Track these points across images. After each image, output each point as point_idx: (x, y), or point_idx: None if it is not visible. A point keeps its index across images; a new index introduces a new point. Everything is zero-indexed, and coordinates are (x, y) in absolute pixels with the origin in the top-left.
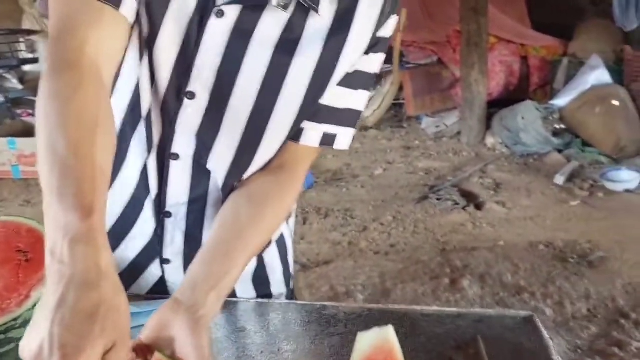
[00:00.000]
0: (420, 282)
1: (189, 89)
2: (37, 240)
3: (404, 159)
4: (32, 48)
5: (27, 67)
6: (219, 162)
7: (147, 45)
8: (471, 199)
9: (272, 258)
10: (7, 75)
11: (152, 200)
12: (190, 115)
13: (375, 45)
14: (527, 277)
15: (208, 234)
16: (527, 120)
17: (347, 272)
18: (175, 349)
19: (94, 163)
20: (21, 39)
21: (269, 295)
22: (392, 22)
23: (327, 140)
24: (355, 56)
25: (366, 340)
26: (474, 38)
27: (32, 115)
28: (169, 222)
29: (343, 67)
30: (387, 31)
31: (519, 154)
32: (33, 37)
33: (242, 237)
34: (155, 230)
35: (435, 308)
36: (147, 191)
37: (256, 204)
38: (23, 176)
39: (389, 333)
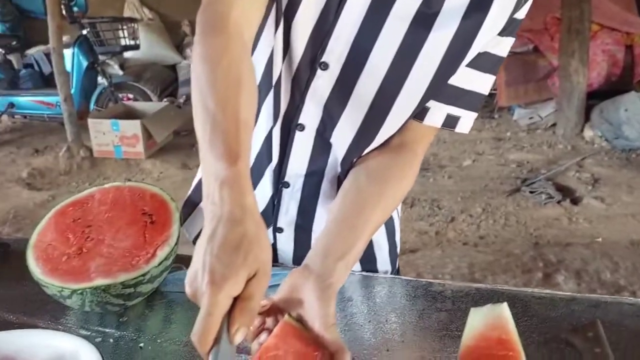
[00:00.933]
0: (512, 274)
1: (323, 59)
2: (160, 205)
3: (494, 150)
4: (133, 35)
5: (127, 54)
6: (342, 136)
7: (285, 15)
8: (567, 193)
9: (379, 236)
10: (110, 62)
11: (272, 169)
12: (321, 86)
13: (508, 26)
14: (628, 276)
15: (322, 208)
16: (631, 113)
17: (435, 261)
18: (302, 313)
19: (239, 118)
20: (123, 27)
21: (374, 272)
22: (528, 3)
23: (450, 122)
24: (490, 36)
25: (479, 316)
26: (575, 25)
27: (133, 99)
28: (285, 192)
29: (477, 47)
30: (521, 13)
31: (620, 148)
32: (134, 25)
33: (364, 212)
34: (272, 198)
35: (548, 291)
36: (269, 160)
37: (376, 182)
38: (124, 156)
39: (503, 310)
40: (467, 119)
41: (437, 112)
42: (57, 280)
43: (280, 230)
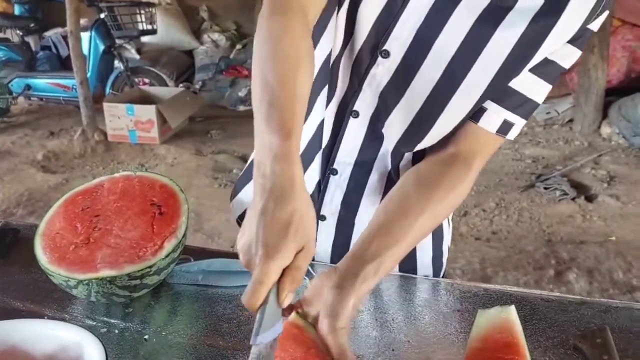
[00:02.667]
0: (524, 271)
1: (385, 47)
2: (169, 196)
3: (510, 145)
4: (150, 20)
5: (144, 39)
6: (394, 127)
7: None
8: (582, 190)
9: (424, 241)
10: (127, 46)
11: (321, 154)
12: (380, 73)
13: (579, 37)
14: None
15: (366, 202)
16: None
17: None
18: (319, 312)
19: (295, 95)
20: (141, 11)
21: (413, 274)
22: (602, 17)
23: (505, 128)
24: (559, 43)
25: (486, 318)
26: None
27: (149, 84)
28: (332, 180)
29: (544, 52)
30: (595, 25)
31: (637, 146)
32: (152, 9)
33: (405, 219)
34: (319, 184)
35: (557, 294)
36: (320, 144)
37: (423, 190)
38: (139, 141)
39: (510, 313)
40: (518, 127)
41: (495, 115)
42: (63, 270)
43: (323, 218)
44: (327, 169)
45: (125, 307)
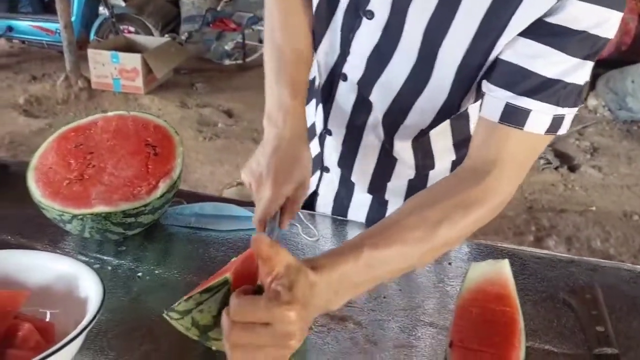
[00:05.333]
0: (504, 236)
1: (368, 7)
2: (164, 137)
3: None
4: None
5: None
6: (382, 95)
7: None
8: (565, 160)
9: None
10: None
11: (320, 113)
12: (365, 35)
13: None
14: (618, 246)
15: (358, 168)
16: (637, 85)
17: None
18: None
19: (302, 56)
20: None
21: None
22: None
23: (554, 125)
24: None
25: (479, 271)
26: None
27: (134, 32)
28: (329, 139)
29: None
30: None
31: (622, 119)
32: None
33: (401, 222)
34: (320, 139)
35: (547, 251)
36: (318, 103)
37: (433, 205)
38: (123, 90)
39: (503, 266)
40: (568, 119)
41: (542, 115)
42: (57, 204)
43: (327, 169)
44: (324, 129)
45: (118, 246)
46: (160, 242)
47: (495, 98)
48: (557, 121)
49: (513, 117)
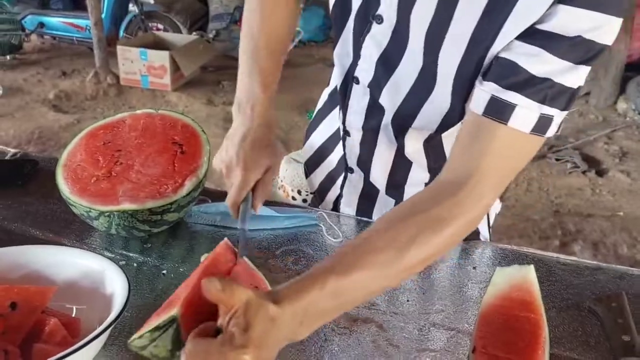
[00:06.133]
0: (529, 240)
1: (378, 12)
2: (191, 135)
3: None
4: None
5: None
6: (391, 99)
7: None
8: (593, 164)
9: None
10: None
11: (340, 115)
12: (375, 40)
13: None
14: None
15: (375, 169)
16: None
17: None
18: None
19: (276, 50)
20: None
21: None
22: None
23: (541, 125)
24: None
25: (504, 276)
26: None
27: (162, 29)
28: (348, 140)
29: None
30: None
31: None
32: None
33: (370, 244)
34: (342, 141)
35: (573, 258)
36: (336, 106)
37: (405, 221)
38: (151, 86)
39: (529, 272)
40: (559, 118)
41: (527, 111)
42: (85, 201)
43: (351, 170)
44: (344, 131)
45: (144, 243)
46: (185, 239)
47: (482, 91)
48: (544, 121)
49: (497, 110)
